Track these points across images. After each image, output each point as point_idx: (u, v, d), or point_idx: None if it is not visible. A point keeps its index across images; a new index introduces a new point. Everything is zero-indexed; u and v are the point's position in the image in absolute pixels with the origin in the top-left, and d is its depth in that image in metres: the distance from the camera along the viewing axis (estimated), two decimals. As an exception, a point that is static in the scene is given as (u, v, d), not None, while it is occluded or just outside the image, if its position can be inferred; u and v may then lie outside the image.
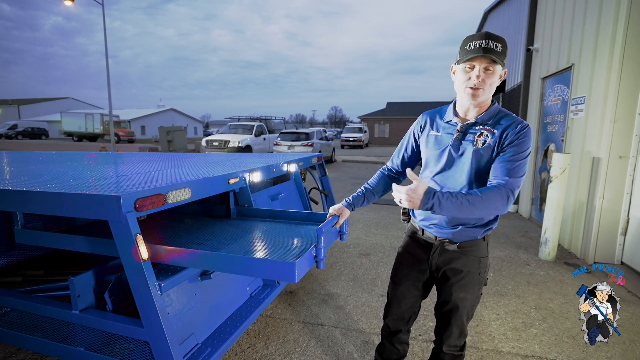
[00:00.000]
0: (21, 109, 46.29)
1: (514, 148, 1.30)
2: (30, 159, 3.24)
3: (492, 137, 1.33)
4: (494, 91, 1.35)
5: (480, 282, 1.50)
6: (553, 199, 3.84)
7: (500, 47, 1.26)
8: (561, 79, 4.78)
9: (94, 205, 1.35)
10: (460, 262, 1.46)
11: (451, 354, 1.60)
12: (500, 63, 1.27)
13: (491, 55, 1.24)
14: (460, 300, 1.48)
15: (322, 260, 1.44)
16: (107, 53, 15.78)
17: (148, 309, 1.35)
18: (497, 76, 1.30)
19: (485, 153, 1.34)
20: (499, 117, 1.37)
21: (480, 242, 1.45)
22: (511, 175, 1.28)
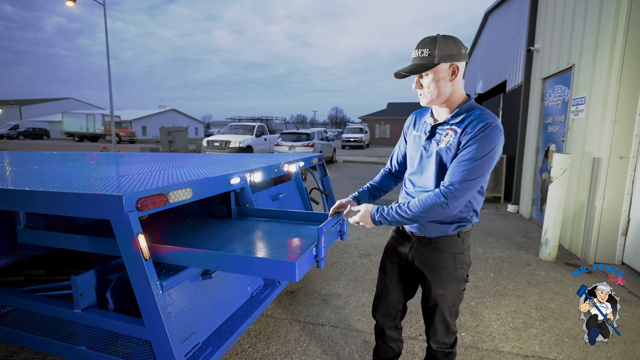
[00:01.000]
0: (23, 109, 46.39)
1: (468, 148, 1.28)
2: (32, 159, 3.25)
3: (455, 136, 1.33)
4: (447, 89, 1.34)
5: (458, 279, 1.49)
6: (554, 199, 3.84)
7: (426, 52, 1.30)
8: (562, 80, 4.78)
9: (96, 205, 1.36)
10: (434, 258, 1.48)
11: (441, 351, 1.60)
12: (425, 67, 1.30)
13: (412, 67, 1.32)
14: (439, 297, 1.50)
15: (323, 259, 1.45)
16: (108, 54, 15.82)
17: (150, 308, 1.36)
18: (438, 75, 1.31)
19: (447, 153, 1.34)
20: (467, 114, 1.34)
21: (454, 238, 1.45)
22: (456, 178, 1.28)
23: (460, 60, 1.32)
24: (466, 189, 1.27)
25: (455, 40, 1.32)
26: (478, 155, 1.26)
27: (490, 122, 1.28)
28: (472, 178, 1.27)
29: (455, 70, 1.32)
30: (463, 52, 1.33)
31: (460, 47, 1.32)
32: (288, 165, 2.83)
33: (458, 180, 1.27)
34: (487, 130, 1.27)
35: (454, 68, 1.32)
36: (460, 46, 1.32)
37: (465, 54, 1.34)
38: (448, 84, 1.33)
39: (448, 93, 1.35)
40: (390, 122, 38.19)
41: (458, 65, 1.32)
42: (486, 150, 1.27)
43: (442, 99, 1.36)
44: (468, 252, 1.51)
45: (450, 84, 1.34)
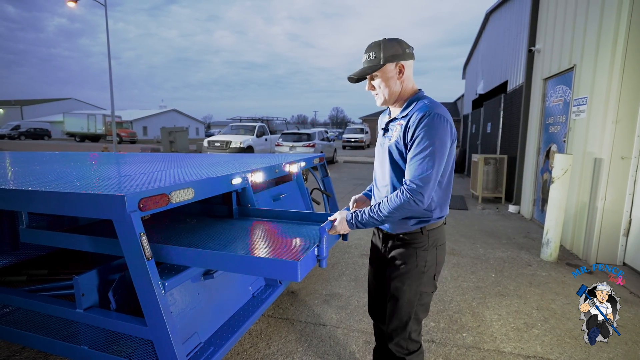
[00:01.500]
0: (24, 109, 46.47)
1: (415, 142, 1.31)
2: (34, 159, 3.26)
3: (400, 131, 1.38)
4: (396, 87, 1.41)
5: (418, 276, 1.45)
6: (555, 199, 3.84)
7: (372, 54, 1.38)
8: (563, 80, 4.77)
9: (99, 205, 1.37)
10: (397, 252, 1.49)
11: (394, 353, 1.52)
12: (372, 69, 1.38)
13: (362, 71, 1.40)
14: (396, 290, 1.48)
15: (325, 259, 1.45)
16: (109, 54, 15.85)
17: (152, 308, 1.36)
18: (386, 75, 1.39)
19: (397, 148, 1.39)
20: (412, 107, 1.39)
21: (417, 234, 1.45)
22: (412, 174, 1.30)
23: (406, 59, 1.39)
24: (426, 182, 1.28)
25: (399, 41, 1.40)
26: (425, 147, 1.29)
27: (429, 111, 1.31)
28: (427, 170, 1.29)
29: (401, 68, 1.39)
30: (408, 52, 1.40)
31: (405, 47, 1.40)
32: (289, 166, 2.83)
33: (415, 176, 1.29)
34: (426, 119, 1.30)
35: (400, 67, 1.39)
36: (404, 46, 1.40)
37: (410, 53, 1.41)
38: (397, 82, 1.41)
39: (398, 91, 1.42)
40: (391, 122, 38.02)
41: (404, 64, 1.39)
42: (431, 139, 1.29)
43: (394, 97, 1.43)
44: (436, 251, 1.47)
45: (399, 82, 1.41)
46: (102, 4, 15.27)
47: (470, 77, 14.78)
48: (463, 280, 3.38)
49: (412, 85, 1.45)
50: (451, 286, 3.26)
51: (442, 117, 1.31)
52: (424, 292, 1.48)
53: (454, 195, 7.86)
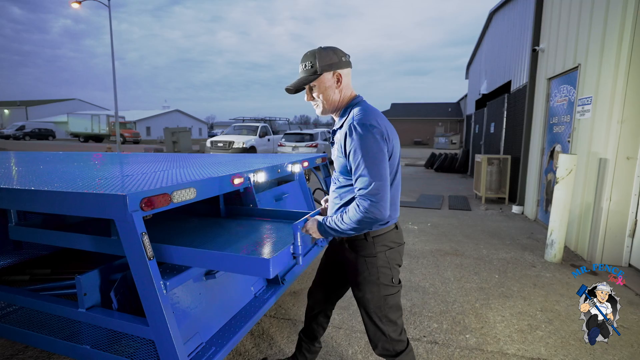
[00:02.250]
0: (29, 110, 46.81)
1: (352, 153, 1.32)
2: (38, 159, 3.28)
3: (341, 141, 1.39)
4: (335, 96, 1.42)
5: (374, 283, 1.46)
6: (559, 200, 3.81)
7: (308, 64, 1.39)
8: (567, 80, 4.74)
9: (101, 205, 1.36)
10: (347, 258, 1.51)
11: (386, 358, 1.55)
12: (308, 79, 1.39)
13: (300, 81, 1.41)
14: (358, 299, 1.52)
15: (300, 256, 1.45)
16: (113, 55, 15.93)
17: (153, 308, 1.36)
18: (324, 85, 1.40)
19: (339, 154, 1.41)
20: (347, 117, 1.40)
21: (362, 241, 1.45)
22: (361, 184, 1.29)
23: (342, 67, 1.41)
24: (376, 190, 1.27)
25: (334, 49, 1.41)
26: (361, 156, 1.29)
27: (354, 122, 1.32)
28: (374, 179, 1.27)
29: (339, 77, 1.41)
30: (344, 60, 1.42)
31: (341, 55, 1.41)
32: (291, 166, 2.83)
33: (363, 186, 1.29)
34: (355, 130, 1.31)
35: (338, 75, 1.41)
36: (340, 54, 1.41)
37: (347, 61, 1.43)
38: (335, 91, 1.42)
39: (337, 100, 1.43)
40: (394, 122, 37.46)
41: (341, 73, 1.41)
42: (364, 148, 1.29)
43: (333, 106, 1.44)
44: (385, 256, 1.46)
45: (338, 91, 1.42)
46: (106, 5, 15.36)
47: (474, 77, 14.72)
48: (466, 281, 3.36)
49: (350, 92, 1.46)
50: (454, 287, 3.24)
51: (364, 124, 1.31)
52: (387, 295, 1.48)
53: (458, 196, 7.82)
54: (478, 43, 13.33)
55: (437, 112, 39.07)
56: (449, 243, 4.52)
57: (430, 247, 4.34)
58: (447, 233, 4.98)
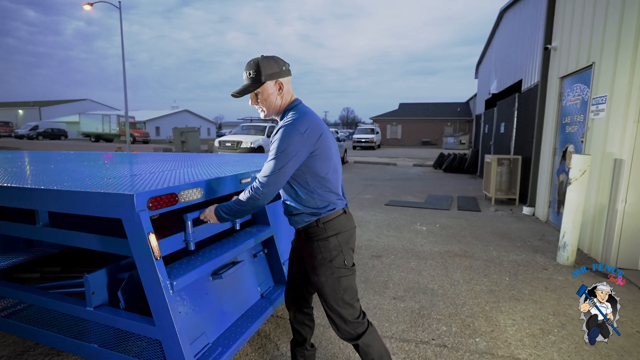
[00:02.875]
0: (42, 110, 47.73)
1: (271, 148, 1.48)
2: (49, 158, 3.32)
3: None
4: (277, 102, 1.56)
5: (328, 266, 1.56)
6: (572, 201, 3.72)
7: (253, 72, 1.51)
8: (581, 78, 4.64)
9: (108, 204, 1.37)
10: (304, 246, 1.62)
11: (352, 342, 1.64)
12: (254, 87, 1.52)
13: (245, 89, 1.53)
14: (316, 284, 1.61)
15: (192, 242, 1.60)
16: (123, 57, 16.14)
17: (160, 308, 1.36)
18: (267, 92, 1.53)
19: None
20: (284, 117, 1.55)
21: (314, 227, 1.57)
22: (261, 174, 1.47)
23: (283, 76, 1.55)
24: (269, 182, 1.45)
25: (276, 59, 1.54)
26: (274, 154, 1.45)
27: (285, 123, 1.47)
28: (270, 173, 1.44)
29: (280, 85, 1.55)
30: (285, 69, 1.56)
31: (282, 64, 1.55)
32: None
33: (261, 175, 1.47)
34: (280, 131, 1.46)
35: (280, 84, 1.54)
36: (281, 64, 1.55)
37: (287, 70, 1.57)
38: (277, 97, 1.55)
39: (279, 105, 1.57)
40: (401, 122, 37.90)
41: (282, 81, 1.55)
42: (280, 148, 1.44)
43: (275, 110, 1.58)
44: (337, 239, 1.57)
45: (280, 97, 1.56)
46: (117, 7, 15.57)
47: (483, 77, 14.54)
48: (476, 284, 3.31)
49: (290, 97, 1.59)
50: (463, 289, 3.19)
51: (292, 128, 1.45)
52: (341, 277, 1.58)
53: (467, 197, 7.73)
54: (488, 42, 13.17)
55: (446, 112, 38.72)
56: (458, 244, 4.46)
57: (439, 249, 4.29)
58: (456, 234, 4.91)
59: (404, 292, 3.13)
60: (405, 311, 2.79)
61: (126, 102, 16.88)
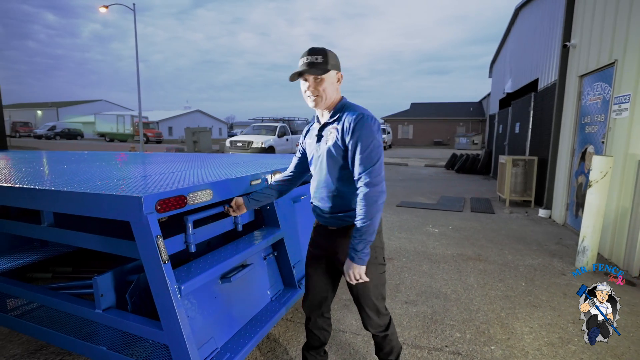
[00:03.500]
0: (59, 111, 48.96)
1: (356, 142, 1.43)
2: (63, 159, 3.36)
3: (337, 133, 1.49)
4: (333, 93, 1.52)
5: (374, 263, 1.58)
6: (592, 205, 3.59)
7: (320, 58, 1.47)
8: (602, 77, 4.47)
9: (117, 206, 1.35)
10: (341, 246, 1.58)
11: (380, 335, 1.71)
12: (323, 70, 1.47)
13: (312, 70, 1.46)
14: (361, 284, 1.57)
15: (192, 244, 1.58)
16: (137, 58, 16.40)
17: (167, 312, 1.33)
18: (329, 81, 1.49)
19: (335, 150, 1.49)
20: (342, 112, 1.51)
21: None
22: (363, 169, 1.42)
23: (340, 70, 1.56)
24: (376, 173, 1.43)
25: (335, 55, 1.54)
26: (365, 144, 1.42)
27: (361, 113, 1.46)
28: (374, 163, 1.43)
29: (340, 78, 1.54)
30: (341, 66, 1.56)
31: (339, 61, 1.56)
32: (309, 167, 2.77)
33: (366, 170, 1.42)
34: (361, 120, 1.44)
35: (339, 76, 1.54)
36: (338, 60, 1.55)
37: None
38: (334, 88, 1.52)
39: (333, 97, 1.53)
40: (413, 122, 37.51)
41: (342, 74, 1.56)
42: (370, 136, 1.43)
43: (329, 101, 1.52)
44: (378, 236, 1.59)
45: (335, 90, 1.53)
46: (131, 9, 15.82)
47: (498, 76, 14.26)
48: (490, 289, 3.21)
49: (340, 93, 1.58)
50: (478, 294, 3.10)
51: (371, 116, 1.47)
52: (382, 273, 1.64)
53: (480, 198, 7.57)
54: (503, 40, 12.90)
55: (458, 111, 38.16)
56: (472, 247, 4.36)
57: (452, 252, 4.19)
58: (469, 237, 4.80)
59: (416, 296, 3.06)
60: (418, 316, 2.72)
61: (139, 103, 17.15)
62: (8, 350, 2.25)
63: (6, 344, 2.33)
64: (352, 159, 1.45)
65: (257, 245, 1.92)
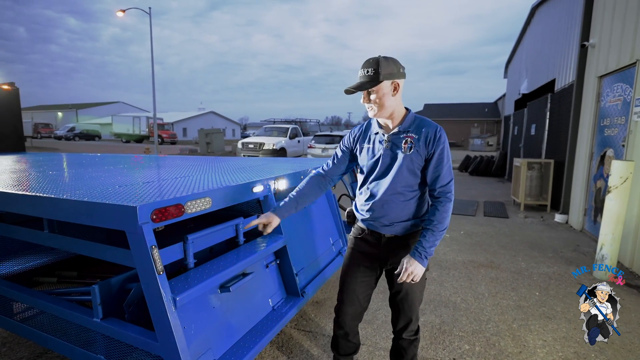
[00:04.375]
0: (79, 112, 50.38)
1: (440, 153, 1.53)
2: (74, 162, 3.41)
3: (416, 143, 1.54)
4: (391, 102, 1.53)
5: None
6: (612, 211, 3.43)
7: (371, 70, 1.48)
8: (622, 77, 4.29)
9: (111, 215, 1.33)
10: (399, 254, 1.63)
11: (408, 339, 1.76)
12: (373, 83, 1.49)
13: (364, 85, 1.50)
14: (409, 286, 1.64)
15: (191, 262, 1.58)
16: (152, 60, 16.69)
17: (162, 324, 1.31)
18: (382, 91, 1.50)
19: (414, 157, 1.54)
20: (417, 123, 1.58)
21: (417, 232, 1.66)
22: (447, 179, 1.54)
23: (400, 77, 1.53)
24: (452, 184, 1.57)
25: (394, 60, 1.52)
26: (447, 156, 1.55)
27: (437, 125, 1.57)
28: (452, 175, 1.57)
29: (396, 86, 1.53)
30: (402, 71, 1.54)
31: (399, 66, 1.53)
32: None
33: (448, 181, 1.55)
34: (441, 132, 1.55)
35: (395, 85, 1.52)
36: (399, 66, 1.53)
37: (403, 72, 1.55)
38: (391, 98, 1.53)
39: (392, 106, 1.55)
40: (426, 123, 36.93)
41: (398, 82, 1.53)
42: (448, 149, 1.56)
43: (388, 111, 1.55)
44: None
45: (394, 98, 1.54)
46: (147, 12, 16.12)
47: (513, 76, 13.93)
48: (502, 298, 3.10)
49: (401, 103, 1.59)
50: (489, 304, 2.99)
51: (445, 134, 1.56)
52: (426, 279, 1.71)
53: (494, 202, 7.38)
54: (518, 40, 12.59)
55: (473, 112, 37.50)
56: (484, 254, 4.23)
57: (463, 258, 4.08)
58: (481, 242, 4.67)
59: (424, 304, 2.98)
60: (425, 326, 2.64)
61: (154, 105, 17.45)
62: (15, 353, 2.29)
63: (14, 346, 2.37)
64: (433, 168, 1.54)
65: (258, 254, 1.89)
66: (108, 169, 2.75)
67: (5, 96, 5.38)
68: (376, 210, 1.62)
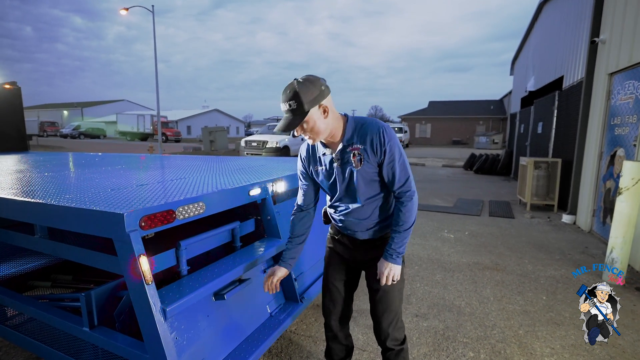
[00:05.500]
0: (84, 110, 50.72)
1: (389, 153, 1.46)
2: (75, 162, 3.37)
3: (364, 153, 1.48)
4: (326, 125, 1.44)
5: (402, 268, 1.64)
6: (622, 214, 3.32)
7: (294, 103, 1.36)
8: (634, 74, 4.16)
9: (98, 222, 1.27)
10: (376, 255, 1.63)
11: (394, 350, 1.69)
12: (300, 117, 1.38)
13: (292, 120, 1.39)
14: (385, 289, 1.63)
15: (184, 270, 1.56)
16: (156, 58, 16.69)
17: (151, 334, 1.26)
18: (313, 120, 1.40)
19: (367, 169, 1.49)
20: (359, 130, 1.49)
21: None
22: (404, 178, 1.50)
23: (325, 97, 1.42)
24: (411, 179, 1.52)
25: (312, 80, 1.39)
26: (398, 154, 1.48)
27: (378, 124, 1.48)
28: (408, 170, 1.52)
29: (325, 109, 1.42)
30: (324, 88, 1.41)
31: (319, 84, 1.40)
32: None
33: (405, 179, 1.50)
34: (385, 131, 1.46)
35: (324, 108, 1.42)
36: (318, 84, 1.40)
37: (326, 88, 1.43)
38: (324, 121, 1.44)
39: (329, 126, 1.46)
40: (431, 121, 36.77)
41: (325, 105, 1.42)
42: (398, 146, 1.49)
43: (325, 133, 1.47)
44: None
45: (327, 120, 1.44)
46: (150, 10, 16.10)
47: (519, 73, 13.73)
48: (508, 302, 3.02)
49: (337, 114, 1.50)
50: (494, 308, 2.91)
51: (386, 125, 1.49)
52: (404, 279, 1.71)
53: (499, 201, 7.26)
54: (525, 36, 12.40)
55: (478, 110, 37.11)
56: (489, 255, 4.14)
57: (467, 260, 3.99)
58: (486, 244, 4.58)
59: (427, 308, 2.91)
60: (429, 331, 2.57)
61: (158, 103, 17.46)
62: (11, 358, 2.25)
63: (10, 350, 2.33)
64: (388, 170, 1.49)
65: (255, 259, 1.82)
66: (105, 169, 2.70)
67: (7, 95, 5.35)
68: (346, 222, 1.63)
